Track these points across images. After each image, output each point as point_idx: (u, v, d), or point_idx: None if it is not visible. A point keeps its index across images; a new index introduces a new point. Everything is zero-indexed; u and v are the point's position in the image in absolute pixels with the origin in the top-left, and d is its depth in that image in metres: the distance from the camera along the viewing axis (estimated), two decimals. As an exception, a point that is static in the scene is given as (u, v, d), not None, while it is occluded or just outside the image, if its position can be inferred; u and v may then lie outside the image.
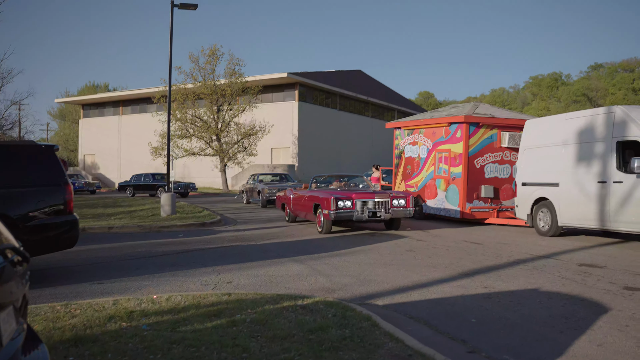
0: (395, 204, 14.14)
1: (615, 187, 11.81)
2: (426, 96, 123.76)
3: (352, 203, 13.71)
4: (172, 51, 21.11)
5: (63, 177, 8.86)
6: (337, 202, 13.56)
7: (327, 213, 13.68)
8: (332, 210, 13.51)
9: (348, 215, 13.68)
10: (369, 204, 13.90)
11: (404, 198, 14.27)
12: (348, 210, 13.68)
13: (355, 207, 13.73)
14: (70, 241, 8.90)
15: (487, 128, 17.07)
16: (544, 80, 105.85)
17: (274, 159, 50.02)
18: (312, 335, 5.08)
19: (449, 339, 5.41)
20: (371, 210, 13.86)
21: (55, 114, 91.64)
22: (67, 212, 8.82)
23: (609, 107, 12.53)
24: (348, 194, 13.94)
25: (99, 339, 4.95)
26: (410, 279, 8.31)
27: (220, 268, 9.38)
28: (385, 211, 13.97)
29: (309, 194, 15.39)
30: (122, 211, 20.74)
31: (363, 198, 13.88)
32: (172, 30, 20.93)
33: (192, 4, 20.63)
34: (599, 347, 5.07)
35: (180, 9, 20.65)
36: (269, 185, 26.06)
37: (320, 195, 14.30)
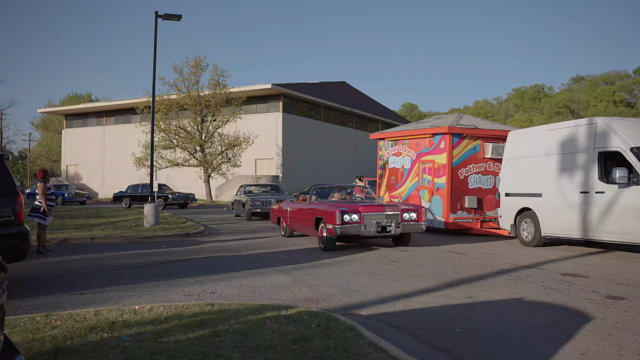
0: (406, 218, 12.89)
1: (598, 197, 11.88)
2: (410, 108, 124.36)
3: (360, 216, 12.40)
4: (156, 62, 21.07)
5: (13, 187, 8.63)
6: (342, 216, 12.24)
7: (331, 228, 12.36)
8: (337, 225, 12.17)
9: (355, 230, 12.36)
10: (378, 217, 12.61)
11: (415, 211, 13.05)
12: (355, 224, 12.35)
13: (362, 221, 12.42)
14: (20, 254, 8.60)
15: (470, 139, 17.14)
16: (526, 92, 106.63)
17: (258, 170, 49.95)
18: (296, 345, 5.04)
19: (433, 348, 5.38)
20: (380, 224, 12.56)
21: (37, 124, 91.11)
22: (17, 224, 8.58)
23: (590, 119, 12.63)
24: (354, 207, 12.71)
25: (79, 350, 4.88)
26: (395, 289, 8.29)
27: (203, 278, 9.32)
28: (395, 225, 12.69)
29: (310, 207, 14.05)
30: (105, 222, 20.59)
31: (371, 211, 12.59)
32: (156, 41, 20.91)
33: (176, 14, 20.62)
34: (582, 356, 5.07)
35: (164, 20, 20.62)
36: (254, 197, 25.00)
37: (323, 208, 13.00)
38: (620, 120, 12.40)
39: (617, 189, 11.45)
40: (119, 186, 56.31)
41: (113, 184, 57.51)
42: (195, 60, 41.95)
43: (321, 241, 13.07)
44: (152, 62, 21.01)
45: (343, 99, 57.87)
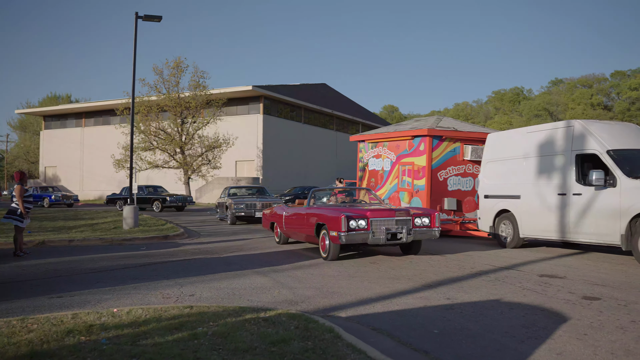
0: (418, 224, 11.68)
1: (575, 199, 12.01)
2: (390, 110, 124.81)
3: (367, 223, 11.14)
4: (135, 63, 20.96)
5: None
6: (348, 222, 10.97)
7: (335, 235, 11.04)
8: (343, 232, 10.87)
9: (362, 237, 11.08)
10: (388, 223, 11.35)
11: (427, 216, 11.84)
12: (362, 231, 11.08)
13: (370, 228, 11.16)
14: None
15: (450, 141, 17.25)
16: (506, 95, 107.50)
17: (239, 171, 49.85)
18: (274, 347, 5.04)
19: (411, 350, 5.41)
20: (390, 231, 11.28)
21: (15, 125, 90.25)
22: None
23: (568, 121, 12.76)
24: (361, 212, 11.47)
25: (56, 354, 4.84)
26: (374, 291, 8.32)
27: (182, 281, 9.28)
28: (406, 232, 11.43)
29: (309, 212, 12.64)
30: (84, 224, 20.43)
31: (380, 216, 11.35)
32: (136, 42, 20.79)
33: (156, 16, 20.51)
34: (558, 356, 5.13)
35: (144, 21, 20.53)
36: (238, 199, 23.26)
37: (326, 213, 11.70)
38: (598, 123, 12.54)
39: (594, 190, 11.57)
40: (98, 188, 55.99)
41: (92, 185, 57.16)
42: (176, 61, 41.75)
43: (323, 250, 11.81)
44: (132, 63, 20.90)
45: (324, 100, 57.94)
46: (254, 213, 22.28)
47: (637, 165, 11.62)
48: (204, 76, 42.66)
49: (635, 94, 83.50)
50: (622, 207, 10.91)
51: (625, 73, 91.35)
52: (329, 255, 11.57)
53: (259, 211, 22.13)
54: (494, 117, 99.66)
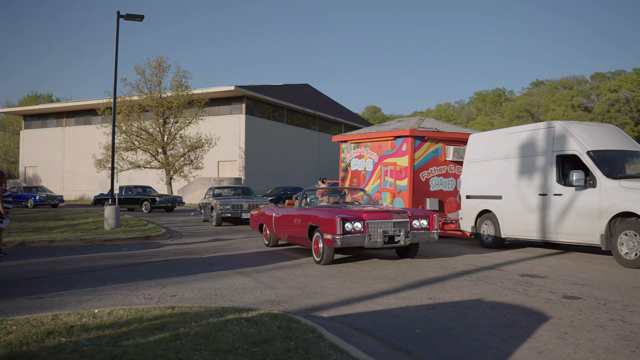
0: (416, 226, 11.21)
1: (555, 199, 12.10)
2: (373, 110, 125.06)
3: (363, 225, 10.60)
4: (117, 62, 20.81)
5: None
6: (344, 224, 10.43)
7: (330, 238, 10.50)
8: (338, 235, 10.30)
9: (358, 240, 10.54)
10: (385, 225, 10.84)
11: (426, 218, 11.39)
12: (358, 234, 10.52)
13: (367, 230, 10.63)
14: None
15: (432, 142, 17.32)
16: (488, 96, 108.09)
17: (221, 172, 49.72)
18: (257, 347, 5.04)
19: (393, 349, 5.42)
20: (387, 234, 10.78)
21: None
22: None
23: (549, 122, 12.85)
24: (357, 213, 10.94)
25: (35, 356, 4.79)
26: (356, 291, 8.33)
27: (164, 281, 9.24)
28: (404, 235, 10.93)
29: (301, 213, 12.14)
30: (65, 224, 20.27)
31: (377, 218, 10.83)
32: (118, 41, 20.66)
33: (138, 15, 20.41)
34: (539, 355, 5.16)
35: (126, 20, 20.42)
36: (223, 200, 22.55)
37: (320, 215, 11.18)
38: (578, 124, 12.65)
39: (574, 191, 11.67)
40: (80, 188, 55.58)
41: (73, 185, 56.73)
42: (157, 61, 41.52)
43: (316, 253, 11.22)
44: (114, 63, 20.76)
45: (306, 101, 57.95)
46: (240, 214, 21.78)
47: (616, 166, 11.76)
48: (186, 76, 42.51)
49: (615, 96, 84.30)
50: (602, 208, 11.02)
51: (605, 75, 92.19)
52: (322, 259, 10.98)
53: (245, 212, 21.68)
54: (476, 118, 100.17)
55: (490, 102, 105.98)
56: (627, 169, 12.08)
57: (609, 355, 5.13)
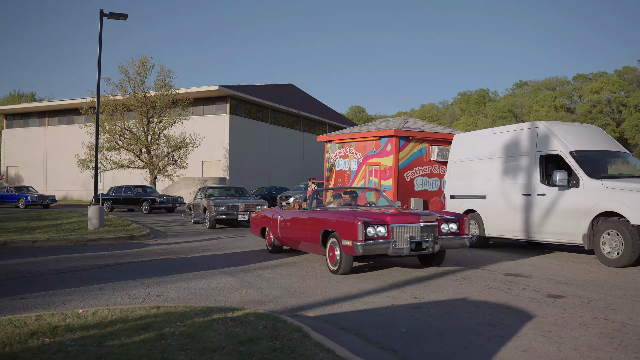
0: (444, 230, 9.89)
1: (539, 199, 12.18)
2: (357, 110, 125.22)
3: (388, 229, 9.25)
4: (100, 61, 20.68)
5: None
6: (366, 229, 9.08)
7: (349, 245, 9.12)
8: (360, 242, 8.92)
9: (382, 248, 9.17)
10: (412, 230, 9.45)
11: (455, 221, 10.06)
12: (381, 240, 9.17)
13: (391, 236, 9.28)
14: None
15: (416, 142, 17.38)
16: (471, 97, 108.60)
17: (205, 172, 49.56)
18: (243, 347, 5.03)
19: (379, 348, 5.43)
20: (414, 239, 9.37)
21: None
22: None
23: (532, 123, 12.93)
24: (379, 216, 9.60)
25: (19, 357, 4.75)
26: (341, 291, 8.34)
27: (149, 281, 9.20)
28: (433, 241, 9.53)
29: (314, 216, 10.78)
30: (48, 224, 20.12)
31: (403, 222, 9.46)
32: (101, 40, 20.53)
33: (122, 14, 20.29)
34: (524, 353, 5.20)
35: (110, 19, 20.30)
36: (218, 200, 20.96)
37: (337, 218, 9.86)
38: (561, 124, 12.74)
39: (558, 191, 11.76)
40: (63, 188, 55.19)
41: (56, 185, 56.28)
42: (141, 60, 41.27)
43: (332, 262, 9.92)
44: (97, 62, 20.63)
45: (291, 101, 57.90)
46: (236, 215, 20.32)
47: (599, 166, 11.87)
48: (170, 75, 42.27)
49: (597, 97, 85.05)
50: (585, 207, 11.11)
51: (587, 77, 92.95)
52: (340, 268, 9.69)
53: (242, 214, 20.32)
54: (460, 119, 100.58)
55: (474, 103, 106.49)
56: (609, 169, 12.21)
57: (592, 353, 5.17)
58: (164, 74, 41.92)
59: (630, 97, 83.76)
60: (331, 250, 9.96)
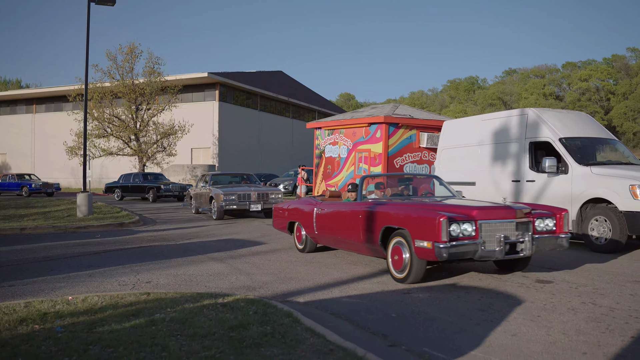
0: (540, 228, 7.91)
1: (528, 185, 12.23)
2: (347, 98, 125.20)
3: (475, 227, 7.27)
4: (88, 48, 20.52)
5: None
6: (449, 226, 7.09)
7: (428, 247, 7.14)
8: (443, 243, 6.94)
9: (469, 250, 7.18)
10: (505, 228, 7.49)
11: (551, 216, 8.07)
12: (468, 241, 7.17)
13: (479, 235, 7.29)
14: None
15: (406, 128, 17.39)
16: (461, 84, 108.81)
17: (194, 159, 49.44)
18: (233, 332, 5.03)
19: (369, 333, 5.46)
20: (508, 240, 7.39)
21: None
22: None
23: (522, 110, 12.97)
24: (463, 210, 7.65)
25: (8, 343, 4.73)
26: (332, 276, 8.36)
27: (138, 268, 9.19)
28: (530, 241, 7.52)
29: (370, 209, 8.61)
30: (36, 212, 20.02)
31: (494, 217, 7.49)
32: (89, 26, 20.33)
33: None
34: (513, 337, 5.24)
35: (97, 5, 20.12)
36: (227, 189, 18.73)
37: (406, 212, 7.93)
38: (551, 111, 12.79)
39: (547, 177, 11.81)
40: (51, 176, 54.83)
41: (45, 173, 55.92)
42: (129, 47, 40.98)
43: (397, 267, 7.91)
44: (85, 48, 20.47)
45: (280, 88, 57.74)
46: (248, 206, 18.22)
47: (588, 153, 11.92)
48: (158, 62, 41.99)
49: (585, 85, 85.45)
50: (574, 194, 11.17)
51: (576, 64, 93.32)
52: (409, 275, 7.69)
53: (254, 203, 18.28)
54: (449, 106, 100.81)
55: (464, 90, 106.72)
56: (598, 156, 12.27)
57: (580, 337, 5.22)
58: (152, 60, 41.67)
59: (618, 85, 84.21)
60: (396, 253, 7.91)
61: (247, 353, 4.48)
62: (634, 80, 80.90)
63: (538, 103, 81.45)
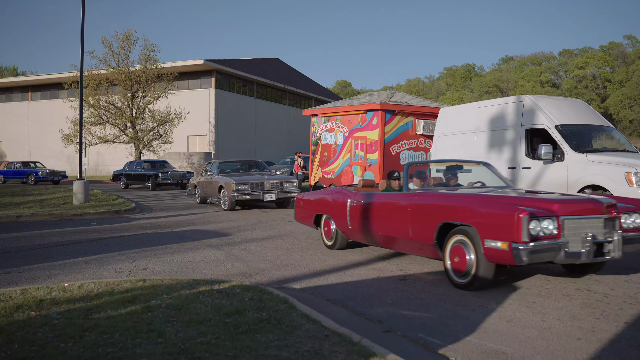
0: (626, 225, 6.72)
1: (524, 172, 12.23)
2: (343, 85, 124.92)
3: (557, 224, 6.13)
4: (84, 35, 20.40)
5: None
6: (530, 222, 5.97)
7: (503, 248, 6.02)
8: (524, 244, 5.86)
9: (550, 252, 6.05)
10: (592, 225, 6.32)
11: (638, 211, 6.88)
12: (549, 241, 6.03)
13: (561, 234, 6.14)
14: None
15: (402, 116, 17.36)
16: (458, 72, 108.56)
17: (191, 146, 49.38)
18: (229, 318, 5.05)
19: (365, 319, 5.48)
20: (596, 239, 6.21)
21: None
22: None
23: (518, 96, 12.94)
24: (542, 204, 6.48)
25: (4, 330, 4.73)
26: (327, 263, 8.38)
27: (135, 255, 9.20)
28: (619, 241, 6.30)
29: (421, 201, 7.49)
30: (32, 200, 19.99)
31: (578, 212, 6.34)
32: (84, 13, 20.22)
33: (104, -14, 19.99)
34: (508, 323, 5.26)
35: (92, -9, 20.00)
36: (238, 177, 17.50)
37: (472, 205, 6.72)
38: (547, 98, 12.76)
39: (543, 164, 11.81)
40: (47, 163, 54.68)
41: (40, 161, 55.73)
42: (125, 34, 40.79)
43: (458, 270, 6.70)
44: (80, 35, 20.35)
45: (276, 75, 57.59)
46: (262, 195, 16.93)
47: (583, 140, 11.92)
48: (154, 49, 41.82)
49: (582, 73, 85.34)
50: (570, 181, 11.18)
51: (573, 52, 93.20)
52: (474, 281, 6.50)
53: (268, 193, 16.95)
54: (446, 93, 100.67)
55: (460, 78, 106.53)
56: (594, 143, 12.26)
57: (575, 322, 5.24)
58: (148, 47, 41.49)
59: (615, 72, 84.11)
60: (457, 254, 6.71)
61: (242, 339, 4.50)
62: (631, 68, 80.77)
63: (535, 90, 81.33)
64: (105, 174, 47.42)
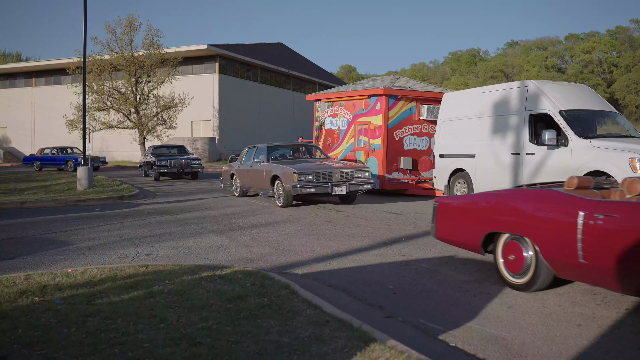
0: None
1: (528, 158, 12.21)
2: (348, 70, 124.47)
3: None
4: (87, 20, 20.36)
5: None
6: None
7: None
8: None
9: None
10: None
11: None
12: None
13: None
14: None
15: (406, 101, 17.30)
16: (462, 56, 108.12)
17: (194, 131, 49.35)
18: (231, 304, 5.07)
19: (366, 305, 5.50)
20: None
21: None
22: None
23: (522, 82, 12.88)
24: None
25: (8, 315, 4.77)
26: (330, 249, 8.40)
27: (138, 240, 9.22)
28: None
29: None
30: (37, 186, 20.05)
31: None
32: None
33: (107, -30, 19.92)
34: (509, 309, 5.27)
35: (94, -24, 19.93)
36: (298, 165, 13.88)
37: None
38: (551, 83, 12.70)
39: (546, 150, 11.78)
40: (51, 149, 54.83)
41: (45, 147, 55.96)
42: (128, 19, 40.68)
43: None
44: (83, 21, 20.31)
45: (280, 60, 57.40)
46: (330, 189, 13.40)
47: (588, 126, 11.87)
48: (158, 35, 41.70)
49: (588, 57, 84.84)
50: (573, 166, 11.15)
51: (579, 36, 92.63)
52: None
53: (337, 185, 13.49)
54: (450, 78, 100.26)
55: (465, 62, 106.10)
56: (598, 129, 12.22)
57: (575, 309, 5.26)
58: (151, 33, 41.37)
59: (621, 57, 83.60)
60: None
61: (244, 324, 4.52)
62: (638, 53, 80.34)
63: (540, 75, 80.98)
64: (110, 160, 47.37)
